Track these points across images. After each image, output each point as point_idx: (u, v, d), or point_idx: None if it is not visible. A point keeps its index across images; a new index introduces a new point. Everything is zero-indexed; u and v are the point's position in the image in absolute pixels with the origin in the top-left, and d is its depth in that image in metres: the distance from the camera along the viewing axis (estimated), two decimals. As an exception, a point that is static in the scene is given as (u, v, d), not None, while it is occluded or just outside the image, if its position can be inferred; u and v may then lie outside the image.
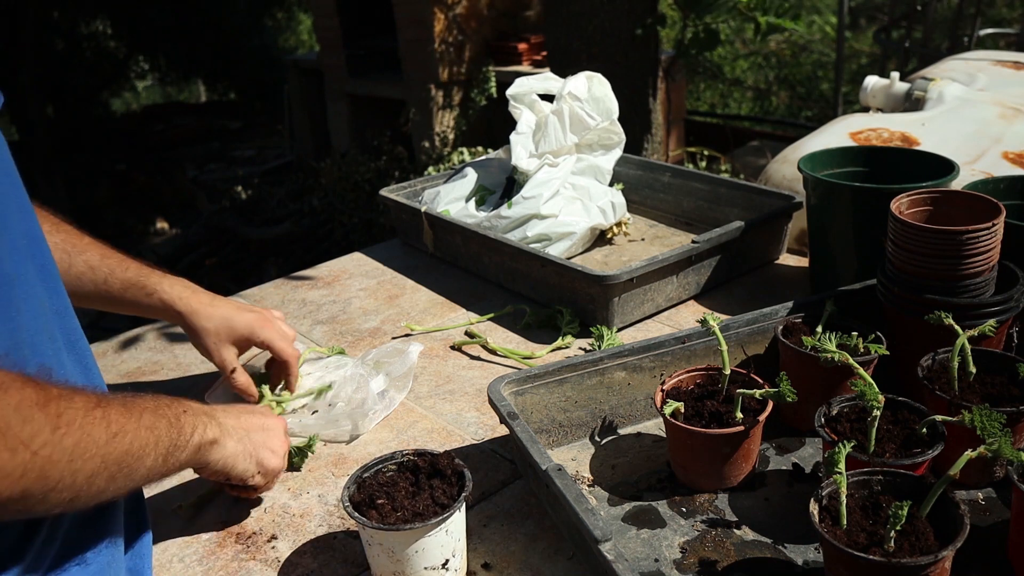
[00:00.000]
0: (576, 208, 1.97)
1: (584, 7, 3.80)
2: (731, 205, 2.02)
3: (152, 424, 0.85)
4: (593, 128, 2.01)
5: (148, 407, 0.87)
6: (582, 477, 1.21)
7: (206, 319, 1.30)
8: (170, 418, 0.90)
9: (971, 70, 2.42)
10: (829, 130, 2.15)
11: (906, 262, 1.25)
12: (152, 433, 0.85)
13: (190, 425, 0.94)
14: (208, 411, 1.01)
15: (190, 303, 1.30)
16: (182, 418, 0.92)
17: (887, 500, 0.94)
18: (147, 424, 0.84)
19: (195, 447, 0.95)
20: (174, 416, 0.91)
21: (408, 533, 0.96)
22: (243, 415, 1.10)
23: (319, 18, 7.72)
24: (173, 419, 0.90)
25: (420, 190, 2.22)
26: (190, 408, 0.96)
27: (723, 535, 1.08)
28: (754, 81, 9.99)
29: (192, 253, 7.10)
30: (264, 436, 1.11)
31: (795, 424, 1.29)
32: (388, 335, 1.70)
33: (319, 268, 2.08)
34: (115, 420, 0.80)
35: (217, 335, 1.31)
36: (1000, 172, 1.80)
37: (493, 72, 6.66)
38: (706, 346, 1.32)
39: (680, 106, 6.48)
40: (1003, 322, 1.23)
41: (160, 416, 0.88)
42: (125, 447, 0.80)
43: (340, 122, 7.81)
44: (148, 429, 0.84)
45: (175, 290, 1.30)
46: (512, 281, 1.83)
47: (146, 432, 0.84)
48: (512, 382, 1.23)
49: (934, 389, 1.12)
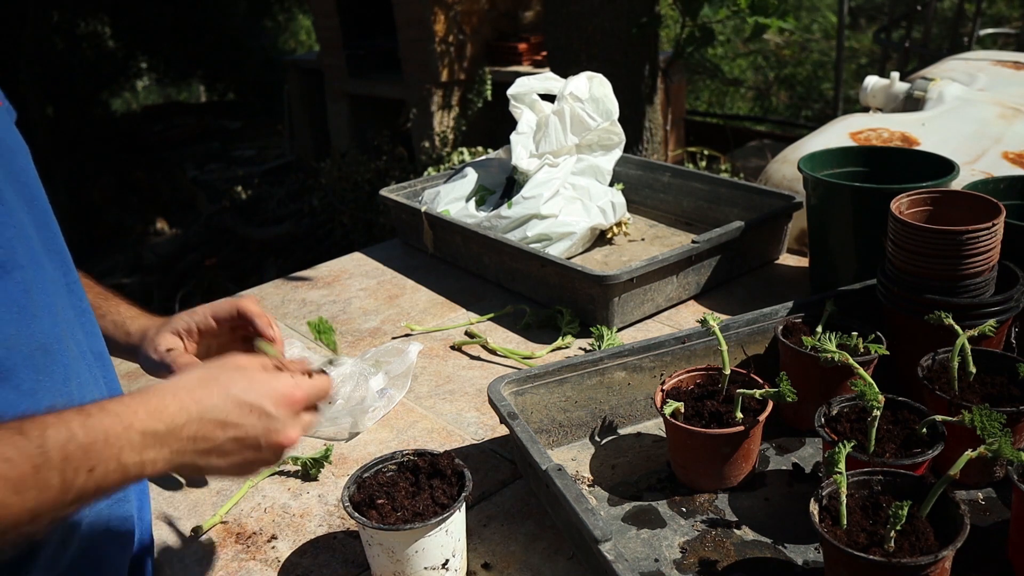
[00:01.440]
0: (576, 208, 1.97)
1: (584, 7, 3.80)
2: (731, 205, 2.02)
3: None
4: (593, 128, 2.01)
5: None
6: (582, 477, 1.21)
7: (150, 329, 1.08)
8: (40, 481, 0.68)
9: (971, 70, 2.42)
10: (829, 130, 2.15)
11: (906, 262, 1.25)
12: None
13: (92, 483, 0.71)
14: (148, 444, 0.75)
15: (140, 321, 1.10)
16: (76, 479, 0.70)
17: (887, 500, 0.94)
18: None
19: (101, 494, 0.73)
20: (49, 479, 0.68)
21: (408, 533, 0.96)
22: (202, 394, 0.82)
23: (319, 18, 7.72)
24: (52, 482, 0.69)
25: (420, 190, 2.22)
26: (102, 458, 0.72)
27: (723, 535, 1.08)
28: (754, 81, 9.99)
29: (192, 253, 7.10)
30: (247, 418, 0.83)
31: (795, 424, 1.29)
32: (388, 335, 1.70)
33: (319, 268, 2.08)
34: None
35: (156, 333, 1.07)
36: (1000, 172, 1.80)
37: (489, 74, 6.66)
38: (706, 346, 1.32)
39: (680, 106, 6.48)
40: (1003, 322, 1.23)
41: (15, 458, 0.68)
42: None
43: (340, 122, 7.81)
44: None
45: (130, 312, 1.11)
46: (512, 281, 1.83)
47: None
48: (512, 382, 1.23)
49: (934, 389, 1.12)
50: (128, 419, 0.75)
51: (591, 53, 3.85)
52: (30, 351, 0.82)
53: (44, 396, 0.83)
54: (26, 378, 0.81)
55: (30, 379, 0.82)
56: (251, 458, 0.84)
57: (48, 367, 0.84)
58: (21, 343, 0.81)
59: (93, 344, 0.97)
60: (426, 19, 6.51)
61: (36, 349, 0.83)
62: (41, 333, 0.84)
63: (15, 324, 0.81)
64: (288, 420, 0.85)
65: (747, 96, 9.84)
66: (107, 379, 0.98)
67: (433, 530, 0.97)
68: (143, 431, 0.75)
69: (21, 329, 0.81)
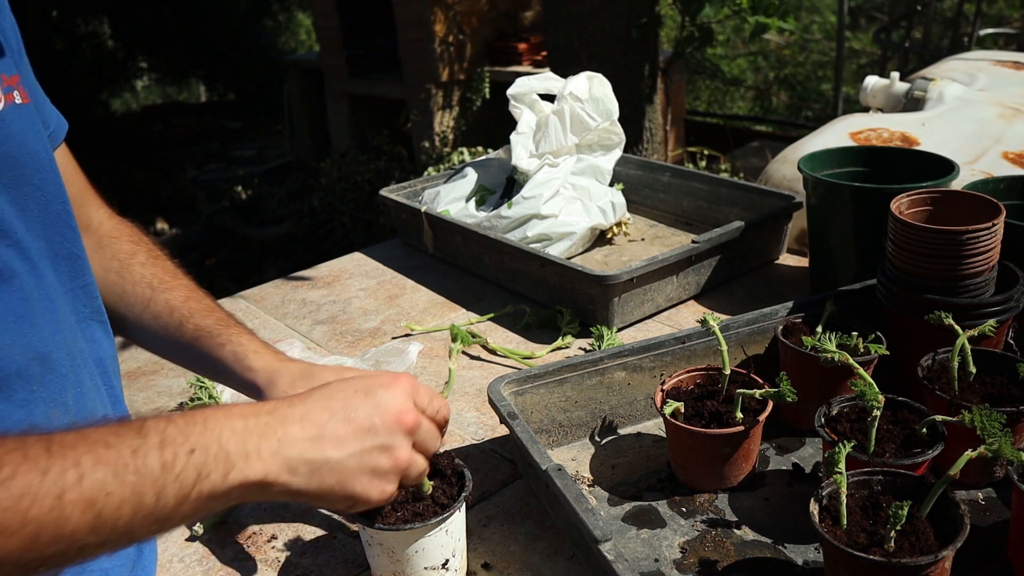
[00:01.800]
0: (576, 208, 1.97)
1: (584, 7, 3.80)
2: (731, 205, 2.02)
3: (99, 479, 0.63)
4: (593, 129, 2.01)
5: (90, 450, 0.64)
6: (582, 477, 1.21)
7: (283, 375, 1.00)
8: (139, 465, 0.65)
9: (971, 70, 2.42)
10: (829, 130, 2.15)
11: (906, 262, 1.25)
12: (98, 489, 0.63)
13: (192, 468, 0.67)
14: (251, 430, 0.72)
15: (265, 358, 1.03)
16: (176, 462, 0.67)
17: (887, 500, 0.94)
18: (89, 479, 0.63)
19: (209, 495, 0.68)
20: (148, 461, 0.66)
21: (408, 533, 0.96)
22: (324, 414, 0.77)
23: (319, 18, 7.73)
24: (151, 465, 0.65)
25: (420, 190, 2.22)
26: (201, 442, 0.69)
27: (723, 535, 1.08)
28: (754, 81, 9.99)
29: (192, 253, 7.10)
30: (370, 439, 0.78)
31: (795, 424, 1.29)
32: (388, 335, 1.70)
33: (319, 268, 2.08)
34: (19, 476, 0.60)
35: (292, 388, 0.98)
36: (1000, 172, 1.80)
37: (487, 73, 6.66)
38: (706, 346, 1.32)
39: (680, 106, 6.48)
40: (1003, 322, 1.23)
41: (119, 463, 0.64)
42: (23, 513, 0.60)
43: (340, 122, 7.82)
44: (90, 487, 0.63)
45: (253, 344, 1.04)
46: (512, 281, 1.83)
47: (92, 488, 0.62)
48: (512, 382, 1.23)
49: (934, 389, 1.12)
50: (229, 409, 0.73)
51: (591, 53, 3.86)
52: (26, 361, 0.81)
53: (38, 407, 0.82)
54: (20, 388, 0.80)
55: (24, 390, 0.81)
56: (370, 446, 0.77)
57: (44, 377, 0.83)
58: (16, 353, 0.80)
59: (95, 352, 0.95)
60: (426, 19, 6.52)
61: (33, 359, 0.81)
62: (40, 342, 0.82)
63: (11, 334, 0.79)
64: (401, 439, 0.80)
65: (747, 96, 9.84)
66: (109, 388, 0.97)
67: (433, 530, 0.97)
68: (244, 416, 0.72)
69: (18, 339, 0.80)
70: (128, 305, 1.08)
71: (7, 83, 0.84)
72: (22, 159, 0.84)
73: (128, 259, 1.10)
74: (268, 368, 1.01)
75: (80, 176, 1.09)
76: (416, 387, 0.86)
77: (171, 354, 1.10)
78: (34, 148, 0.87)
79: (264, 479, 0.71)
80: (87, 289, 0.95)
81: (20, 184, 0.84)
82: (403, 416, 0.80)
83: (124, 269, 1.09)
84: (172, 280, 1.10)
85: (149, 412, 0.70)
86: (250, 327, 1.75)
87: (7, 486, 0.59)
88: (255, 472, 0.71)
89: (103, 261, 1.08)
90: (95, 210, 1.11)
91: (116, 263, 1.09)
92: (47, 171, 0.89)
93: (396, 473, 0.80)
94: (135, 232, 1.15)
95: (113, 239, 1.11)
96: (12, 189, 0.83)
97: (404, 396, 0.82)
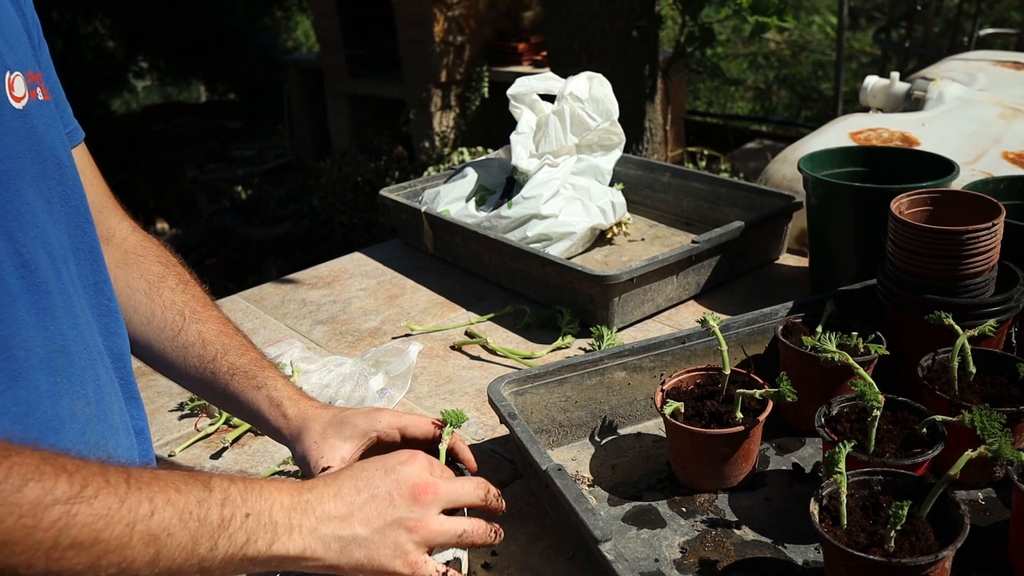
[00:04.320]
0: (576, 208, 1.97)
1: (584, 7, 3.80)
2: (731, 205, 2.02)
3: (155, 529, 0.67)
4: (593, 129, 2.01)
5: (162, 490, 0.69)
6: (582, 477, 1.21)
7: (314, 421, 1.01)
8: (203, 515, 0.70)
9: (971, 70, 2.42)
10: (829, 130, 2.15)
11: (906, 262, 1.25)
12: (148, 547, 0.67)
13: (243, 531, 0.73)
14: (296, 507, 0.77)
15: (300, 405, 1.03)
16: (233, 522, 0.72)
17: (887, 500, 0.94)
18: (159, 516, 0.68)
19: (252, 558, 0.73)
20: (210, 513, 0.71)
21: (408, 533, 0.96)
22: (352, 492, 0.82)
23: (319, 18, 7.72)
24: (212, 518, 0.71)
25: (420, 190, 2.22)
26: (256, 508, 0.74)
27: (723, 535, 1.08)
28: (754, 81, 9.99)
29: (192, 253, 7.09)
30: (388, 532, 0.82)
31: (795, 424, 1.29)
32: (388, 335, 1.70)
33: (319, 268, 2.08)
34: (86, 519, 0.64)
35: (322, 435, 0.99)
36: (1000, 172, 1.80)
37: (487, 73, 6.66)
38: (706, 346, 1.32)
39: (680, 106, 6.48)
40: (1003, 322, 1.23)
41: (176, 522, 0.69)
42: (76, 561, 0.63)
43: (340, 122, 7.81)
44: (140, 540, 0.66)
45: (288, 390, 1.04)
46: (512, 281, 1.83)
47: (141, 546, 0.66)
48: (512, 382, 1.23)
49: (934, 389, 1.12)
50: (277, 484, 0.78)
51: (591, 53, 3.85)
52: (48, 353, 0.81)
53: (62, 398, 0.83)
54: (44, 380, 0.81)
55: (48, 381, 0.81)
56: (391, 520, 0.82)
57: (66, 369, 0.83)
58: (39, 344, 0.80)
59: (113, 345, 0.96)
60: (426, 20, 6.51)
61: (55, 351, 0.82)
62: (60, 335, 0.83)
63: (34, 326, 0.80)
64: (421, 511, 0.84)
65: (747, 96, 9.84)
66: (124, 383, 0.97)
67: (433, 530, 0.97)
68: (291, 493, 0.78)
69: (40, 331, 0.80)
70: (156, 329, 1.05)
71: (31, 79, 0.85)
72: (44, 154, 0.85)
73: (158, 282, 1.07)
74: (301, 416, 1.01)
75: (101, 183, 1.07)
76: (431, 460, 0.91)
77: (196, 387, 1.08)
78: (55, 144, 0.87)
79: (302, 554, 0.77)
80: (104, 284, 0.95)
81: (45, 178, 0.85)
82: (417, 488, 0.85)
83: (153, 291, 1.06)
84: (204, 311, 1.08)
85: (214, 470, 0.77)
86: (250, 327, 1.76)
87: (90, 504, 0.64)
88: (295, 546, 0.76)
89: (128, 279, 1.06)
90: (117, 222, 1.10)
91: (144, 284, 1.07)
92: (67, 167, 0.90)
93: (417, 545, 0.84)
94: (163, 252, 1.12)
95: (140, 257, 1.09)
96: (39, 182, 0.84)
97: (420, 469, 0.87)
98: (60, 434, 0.83)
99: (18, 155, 0.80)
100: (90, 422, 0.87)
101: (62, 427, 0.83)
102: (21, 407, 0.79)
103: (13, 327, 0.78)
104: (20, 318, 0.78)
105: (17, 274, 0.79)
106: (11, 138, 0.80)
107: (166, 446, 1.37)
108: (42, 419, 0.81)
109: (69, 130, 0.99)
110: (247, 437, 1.38)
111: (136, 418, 1.00)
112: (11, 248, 0.78)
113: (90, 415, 0.87)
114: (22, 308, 0.79)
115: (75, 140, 1.01)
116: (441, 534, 0.85)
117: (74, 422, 0.84)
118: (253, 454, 1.34)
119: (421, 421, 1.03)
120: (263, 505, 0.75)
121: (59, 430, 0.82)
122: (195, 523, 0.69)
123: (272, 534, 0.75)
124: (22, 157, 0.81)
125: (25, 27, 0.89)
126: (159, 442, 1.38)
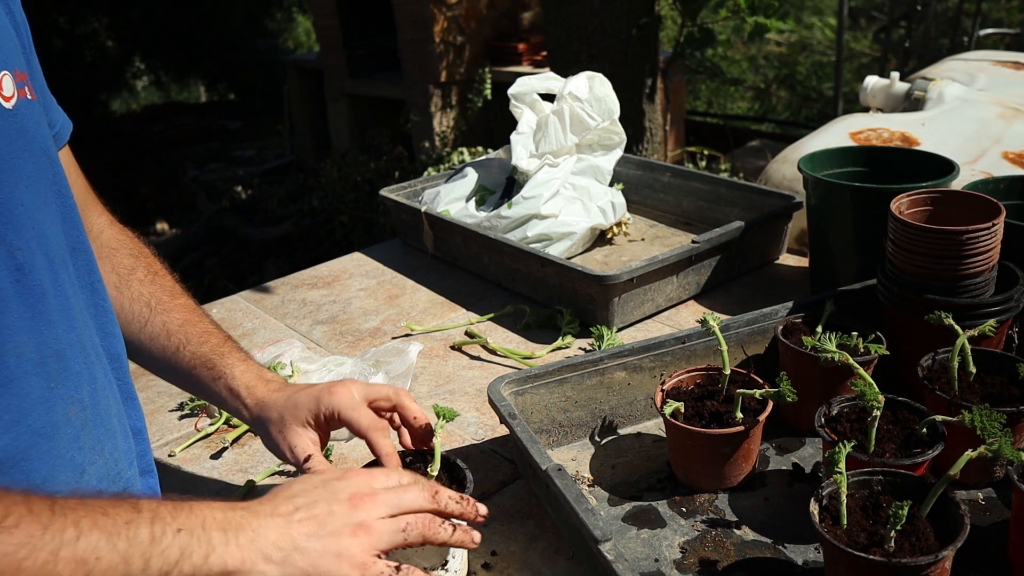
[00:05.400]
0: (576, 208, 1.97)
1: (584, 7, 3.80)
2: (731, 205, 2.02)
3: (82, 549, 0.66)
4: (594, 128, 2.01)
5: (88, 514, 0.68)
6: (582, 477, 1.21)
7: (270, 409, 1.03)
8: (131, 535, 0.69)
9: (971, 70, 2.42)
10: (829, 130, 2.15)
11: (906, 262, 1.25)
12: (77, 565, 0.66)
13: (177, 547, 0.71)
14: (230, 521, 0.76)
15: (256, 392, 1.04)
16: (164, 538, 0.71)
17: (887, 500, 0.95)
18: (84, 540, 0.66)
19: (180, 555, 0.71)
20: (139, 532, 0.70)
21: (408, 533, 0.96)
22: (290, 507, 0.81)
23: (319, 18, 7.72)
24: (141, 536, 0.70)
25: (420, 190, 2.22)
26: (187, 524, 0.73)
27: (723, 535, 1.08)
28: (754, 81, 9.99)
29: (192, 253, 7.09)
30: (328, 541, 0.80)
31: (795, 424, 1.29)
32: (388, 335, 1.70)
33: (319, 268, 2.08)
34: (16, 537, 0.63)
35: (281, 423, 1.01)
36: (1000, 172, 1.80)
37: (489, 73, 6.66)
38: (706, 346, 1.32)
39: (680, 106, 6.48)
40: (1003, 322, 1.23)
41: (108, 533, 0.68)
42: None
43: (340, 122, 7.81)
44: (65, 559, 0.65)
45: (245, 378, 1.05)
46: (512, 281, 1.83)
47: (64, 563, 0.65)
48: (512, 382, 1.23)
49: (934, 389, 1.12)
50: (208, 503, 0.77)
51: (591, 53, 3.86)
52: (42, 358, 0.80)
53: (56, 404, 0.82)
54: (37, 386, 0.80)
55: (41, 386, 0.80)
56: (331, 529, 0.80)
57: (60, 373, 0.83)
58: (32, 350, 0.79)
59: (109, 345, 0.95)
60: (426, 20, 6.52)
61: (49, 356, 0.81)
62: (55, 339, 0.82)
63: (27, 331, 0.79)
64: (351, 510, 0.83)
65: (747, 96, 9.84)
66: (122, 383, 0.97)
67: (433, 530, 0.97)
68: (223, 509, 0.77)
69: (33, 336, 0.80)
70: (125, 322, 1.07)
71: (19, 78, 0.84)
72: (37, 153, 0.85)
73: (127, 274, 1.09)
74: (259, 405, 1.04)
75: (82, 179, 1.09)
76: (371, 473, 0.89)
77: (167, 376, 1.12)
78: (45, 144, 0.87)
79: (241, 566, 0.74)
80: (98, 284, 0.95)
81: (39, 177, 0.84)
82: (355, 497, 0.84)
83: (123, 284, 1.08)
84: (170, 301, 1.10)
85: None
86: (250, 327, 1.76)
87: (11, 533, 0.63)
88: (233, 558, 0.74)
89: (101, 273, 1.06)
90: (96, 216, 1.11)
91: (115, 276, 1.08)
92: (57, 166, 0.89)
93: (363, 548, 0.81)
94: (135, 244, 1.14)
95: (113, 250, 1.10)
96: (33, 182, 0.83)
97: (358, 482, 0.86)
98: (54, 440, 0.82)
99: (11, 155, 0.80)
100: (85, 426, 0.86)
101: (56, 433, 0.82)
102: (13, 414, 0.78)
103: (4, 333, 0.77)
104: (12, 323, 0.78)
105: (11, 278, 0.78)
106: (3, 138, 0.79)
107: (166, 446, 1.37)
108: (34, 426, 0.80)
109: (55, 131, 0.98)
110: (247, 437, 1.38)
111: (134, 419, 1.00)
112: (4, 251, 0.78)
113: (85, 419, 0.86)
114: (14, 313, 0.78)
115: (61, 141, 1.01)
116: (385, 532, 0.83)
117: (68, 427, 0.83)
118: (253, 454, 1.34)
119: (385, 392, 1.04)
120: (194, 521, 0.74)
121: (53, 436, 0.82)
122: (124, 543, 0.68)
123: (207, 546, 0.73)
124: (15, 157, 0.80)
125: (13, 25, 0.88)
126: (159, 442, 1.38)
